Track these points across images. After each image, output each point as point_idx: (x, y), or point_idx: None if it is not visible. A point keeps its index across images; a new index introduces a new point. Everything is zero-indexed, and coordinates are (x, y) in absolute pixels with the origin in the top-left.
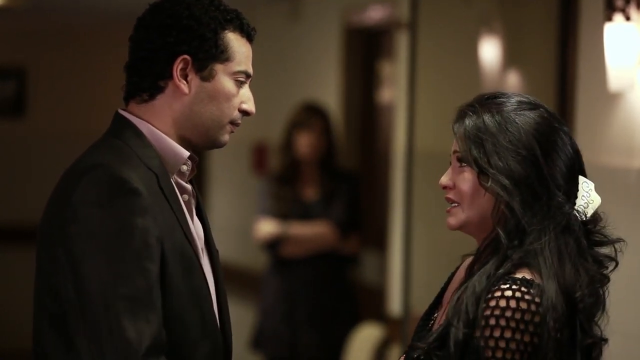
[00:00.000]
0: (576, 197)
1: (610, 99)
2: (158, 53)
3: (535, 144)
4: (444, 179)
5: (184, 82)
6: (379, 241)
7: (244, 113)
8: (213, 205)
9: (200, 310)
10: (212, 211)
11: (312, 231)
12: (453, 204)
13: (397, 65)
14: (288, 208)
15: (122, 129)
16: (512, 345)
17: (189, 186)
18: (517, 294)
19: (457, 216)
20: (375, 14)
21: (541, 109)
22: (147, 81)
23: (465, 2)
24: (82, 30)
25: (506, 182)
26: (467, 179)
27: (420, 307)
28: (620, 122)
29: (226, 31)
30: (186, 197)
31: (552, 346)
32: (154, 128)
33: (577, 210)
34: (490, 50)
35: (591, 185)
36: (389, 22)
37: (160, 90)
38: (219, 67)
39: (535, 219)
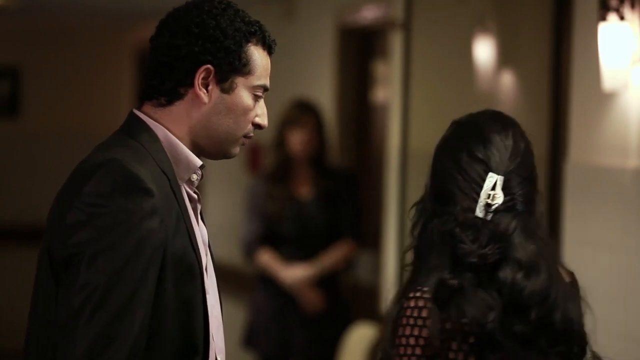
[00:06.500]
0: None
1: (604, 99)
2: (182, 60)
3: (439, 162)
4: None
5: (204, 91)
6: (373, 241)
7: (257, 126)
8: (207, 204)
9: (185, 320)
10: (206, 210)
11: (340, 256)
12: None
13: (391, 64)
14: (281, 206)
15: (138, 131)
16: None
17: (195, 195)
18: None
19: None
20: (369, 14)
21: (455, 125)
22: (166, 86)
23: (459, 2)
24: (76, 30)
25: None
26: None
27: None
28: (614, 121)
29: (250, 44)
30: (192, 204)
31: None
32: (169, 134)
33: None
34: (484, 50)
35: (493, 179)
36: (383, 21)
37: (180, 97)
38: (239, 80)
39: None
